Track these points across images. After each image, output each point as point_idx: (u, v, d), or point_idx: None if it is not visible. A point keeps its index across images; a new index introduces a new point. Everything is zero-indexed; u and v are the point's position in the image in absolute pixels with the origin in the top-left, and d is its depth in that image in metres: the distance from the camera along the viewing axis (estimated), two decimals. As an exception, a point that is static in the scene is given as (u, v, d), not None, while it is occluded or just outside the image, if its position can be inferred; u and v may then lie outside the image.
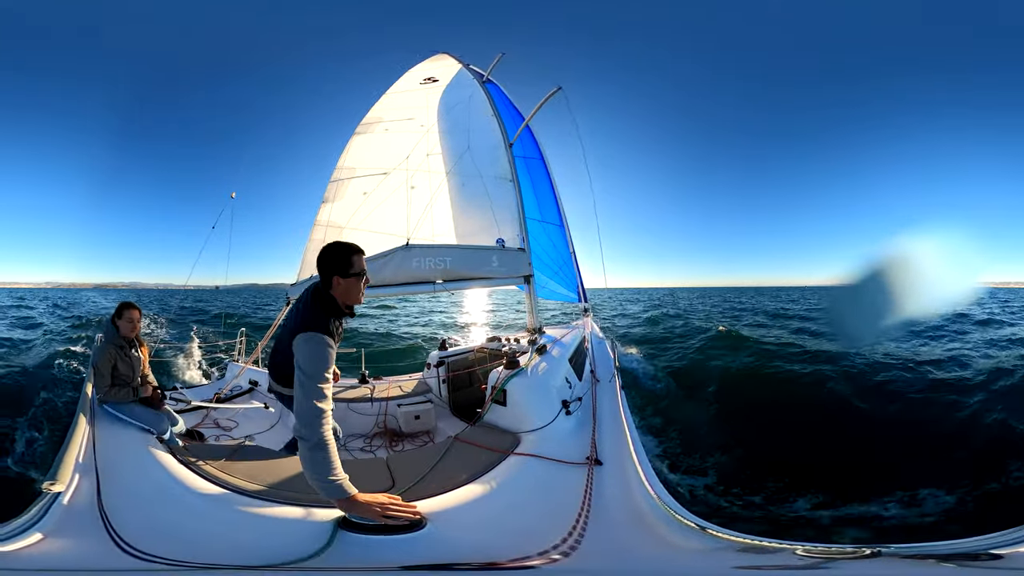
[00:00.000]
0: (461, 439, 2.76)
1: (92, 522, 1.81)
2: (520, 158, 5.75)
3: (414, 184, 4.48)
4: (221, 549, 1.73)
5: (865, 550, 1.67)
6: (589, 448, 2.48)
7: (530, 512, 2.07)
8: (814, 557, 1.70)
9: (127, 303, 3.25)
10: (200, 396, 4.25)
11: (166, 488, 2.15)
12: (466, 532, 1.84)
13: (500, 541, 1.79)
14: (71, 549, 1.70)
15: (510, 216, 4.85)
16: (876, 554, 1.65)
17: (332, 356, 1.95)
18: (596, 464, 2.34)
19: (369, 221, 4.30)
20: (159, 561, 1.61)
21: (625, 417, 2.98)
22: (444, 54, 6.32)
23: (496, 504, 2.06)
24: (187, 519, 1.96)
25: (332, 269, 2.07)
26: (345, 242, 2.14)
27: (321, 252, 2.10)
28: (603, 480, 2.21)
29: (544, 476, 2.30)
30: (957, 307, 17.46)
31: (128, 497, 2.04)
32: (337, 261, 2.08)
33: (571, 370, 3.65)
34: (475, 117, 5.38)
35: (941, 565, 1.60)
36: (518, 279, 4.67)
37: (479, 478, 2.24)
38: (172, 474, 2.24)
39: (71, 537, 1.76)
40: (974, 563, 1.59)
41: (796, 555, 1.71)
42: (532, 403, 2.93)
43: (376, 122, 5.14)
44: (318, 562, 1.57)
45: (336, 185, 4.64)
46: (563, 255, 6.31)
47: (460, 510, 1.97)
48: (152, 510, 2.02)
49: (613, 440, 2.64)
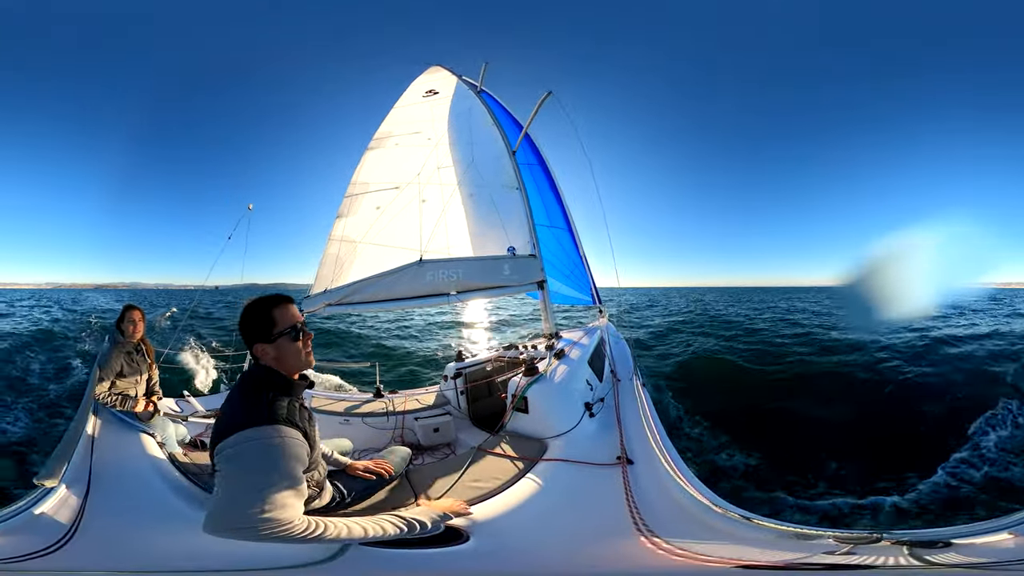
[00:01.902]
0: (484, 449, 2.74)
1: (66, 525, 1.79)
2: (523, 165, 5.77)
3: (425, 198, 4.53)
4: (213, 560, 1.66)
5: (879, 535, 1.74)
6: (618, 448, 2.47)
7: (573, 515, 2.05)
8: (847, 543, 1.75)
9: (129, 305, 3.26)
10: (208, 405, 4.20)
11: (157, 494, 2.10)
12: (515, 542, 1.83)
13: (552, 547, 1.80)
14: (27, 547, 1.68)
15: (519, 224, 4.89)
16: (881, 539, 1.73)
17: (295, 450, 1.51)
18: (628, 463, 2.32)
19: (383, 236, 4.35)
20: (111, 572, 1.60)
21: (650, 414, 2.95)
22: (438, 67, 6.33)
23: (537, 511, 2.05)
24: (174, 527, 1.90)
25: (252, 337, 1.68)
26: (262, 297, 1.74)
27: (239, 319, 1.71)
28: (638, 479, 2.20)
29: (578, 479, 2.29)
30: (959, 304, 17.53)
31: (115, 502, 2.01)
32: (254, 326, 1.68)
33: (591, 372, 3.63)
34: (476, 128, 5.42)
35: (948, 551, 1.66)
36: (531, 286, 4.71)
37: (512, 486, 2.22)
38: (167, 481, 2.20)
39: (38, 536, 1.73)
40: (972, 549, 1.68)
41: (834, 541, 1.76)
42: (555, 408, 2.92)
43: (387, 137, 5.19)
44: (324, 569, 1.57)
45: (350, 200, 4.69)
46: (573, 258, 6.32)
47: (502, 519, 1.94)
48: (139, 515, 1.97)
49: (640, 438, 2.62)
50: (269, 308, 1.70)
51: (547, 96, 5.04)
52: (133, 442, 2.57)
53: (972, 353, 9.80)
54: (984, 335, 12.31)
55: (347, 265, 4.46)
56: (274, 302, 1.72)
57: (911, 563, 1.62)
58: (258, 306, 1.71)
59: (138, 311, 3.23)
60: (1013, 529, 1.72)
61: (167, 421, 2.99)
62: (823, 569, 1.67)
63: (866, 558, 1.66)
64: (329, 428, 4.00)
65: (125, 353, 3.04)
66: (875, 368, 8.41)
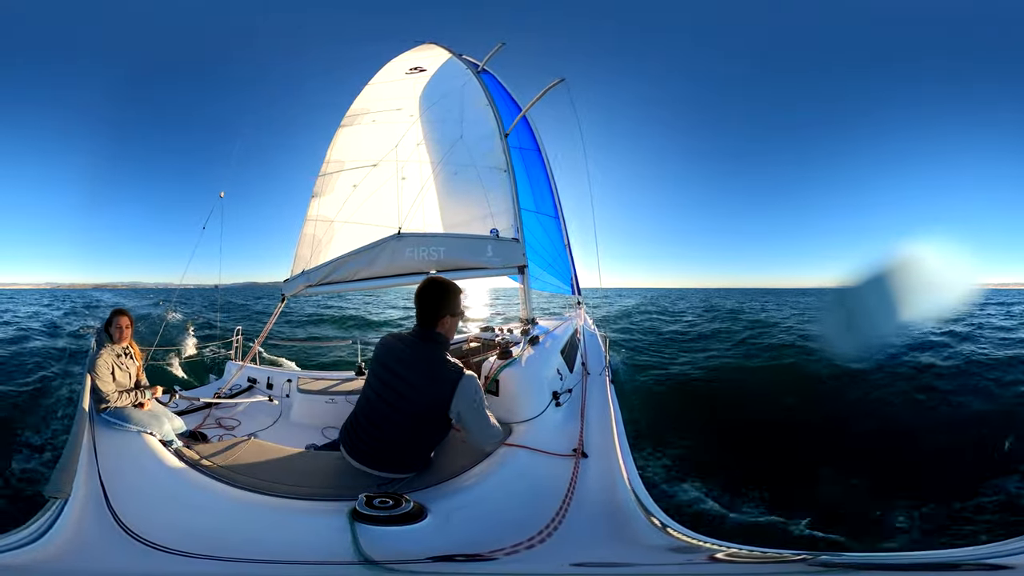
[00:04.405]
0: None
1: (102, 522, 1.80)
2: (516, 148, 5.68)
3: (404, 175, 4.42)
4: (244, 546, 1.71)
5: (793, 555, 1.64)
6: (576, 440, 2.50)
7: (517, 503, 2.09)
8: (737, 562, 1.69)
9: (118, 310, 3.22)
10: (200, 396, 4.21)
11: (174, 488, 2.13)
12: (462, 524, 1.86)
13: (489, 533, 1.80)
14: (89, 551, 1.68)
15: (504, 207, 4.78)
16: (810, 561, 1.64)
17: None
18: (582, 456, 2.35)
19: (359, 214, 4.24)
20: (182, 555, 1.59)
21: (613, 410, 3.01)
22: (432, 44, 6.23)
23: (486, 495, 2.09)
24: (200, 517, 1.94)
25: (444, 311, 2.22)
26: (452, 282, 2.30)
27: (430, 294, 2.24)
28: (587, 472, 2.24)
29: (532, 467, 2.32)
30: (958, 310, 17.18)
31: (136, 498, 2.01)
32: (450, 303, 2.24)
33: (563, 362, 3.64)
34: (469, 107, 5.29)
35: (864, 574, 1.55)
36: (512, 269, 4.62)
37: (472, 468, 2.28)
38: (179, 475, 2.22)
39: (87, 539, 1.73)
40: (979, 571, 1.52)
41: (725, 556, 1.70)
42: (524, 393, 2.93)
43: (362, 113, 5.06)
44: (351, 556, 1.56)
45: (324, 179, 4.58)
46: (558, 247, 6.28)
47: (456, 500, 2.01)
48: (163, 509, 1.99)
49: (600, 433, 2.67)
50: (459, 291, 2.26)
51: (557, 82, 4.94)
52: (136, 443, 2.58)
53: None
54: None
55: (324, 245, 4.35)
56: (459, 288, 2.29)
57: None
58: (454, 288, 2.26)
59: (126, 317, 3.19)
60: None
61: (162, 418, 2.96)
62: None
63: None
64: (313, 407, 3.99)
65: (115, 356, 3.02)
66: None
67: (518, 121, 5.34)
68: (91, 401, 2.90)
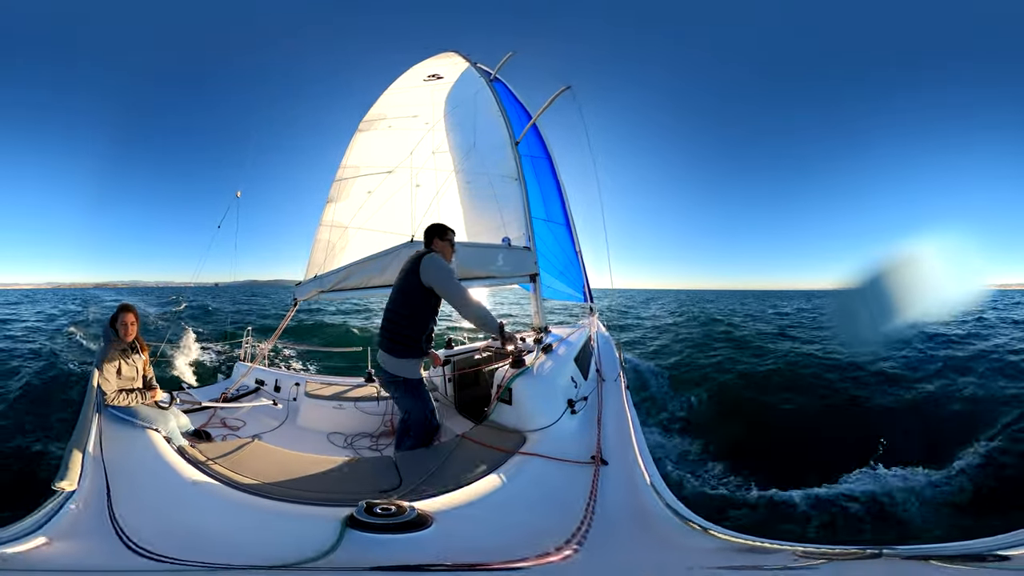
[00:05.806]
0: (467, 437, 2.75)
1: (102, 523, 1.81)
2: (527, 157, 5.71)
3: (419, 182, 4.45)
4: (230, 549, 1.71)
5: (866, 550, 1.62)
6: (594, 447, 2.47)
7: (534, 512, 2.05)
8: (814, 557, 1.66)
9: (124, 305, 3.23)
10: (207, 396, 4.22)
11: (175, 487, 2.13)
12: (470, 532, 1.83)
13: (502, 541, 1.78)
14: (81, 550, 1.69)
15: (516, 215, 4.81)
16: (877, 555, 1.60)
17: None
18: (601, 463, 2.31)
19: (374, 220, 4.27)
20: (167, 561, 1.59)
21: (630, 416, 2.97)
22: (452, 52, 6.27)
23: (501, 503, 2.05)
24: (197, 518, 1.94)
25: (435, 235, 3.14)
26: (441, 223, 3.24)
27: (431, 227, 3.19)
28: (608, 480, 2.19)
29: (549, 475, 2.29)
30: (965, 310, 17.14)
31: (137, 497, 2.03)
32: (440, 230, 3.17)
33: (577, 369, 3.63)
34: (481, 115, 5.33)
35: (944, 566, 1.53)
36: (523, 278, 4.63)
37: (485, 477, 2.23)
38: (180, 474, 2.23)
39: (81, 538, 1.75)
40: (980, 564, 1.54)
41: (795, 555, 1.68)
42: (538, 402, 2.92)
43: (379, 119, 5.10)
44: (327, 562, 1.55)
45: (340, 184, 4.61)
46: (569, 255, 6.27)
47: (465, 509, 1.96)
48: (161, 510, 2.00)
49: (618, 439, 2.63)
50: (447, 227, 3.20)
51: (564, 90, 4.98)
52: (141, 439, 2.60)
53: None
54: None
55: (338, 250, 4.38)
56: (447, 226, 3.21)
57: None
58: (442, 224, 3.20)
59: (132, 313, 3.20)
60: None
61: (168, 415, 2.97)
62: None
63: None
64: (321, 412, 4.00)
65: (121, 351, 3.02)
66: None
67: (528, 129, 5.37)
68: (99, 394, 2.92)
